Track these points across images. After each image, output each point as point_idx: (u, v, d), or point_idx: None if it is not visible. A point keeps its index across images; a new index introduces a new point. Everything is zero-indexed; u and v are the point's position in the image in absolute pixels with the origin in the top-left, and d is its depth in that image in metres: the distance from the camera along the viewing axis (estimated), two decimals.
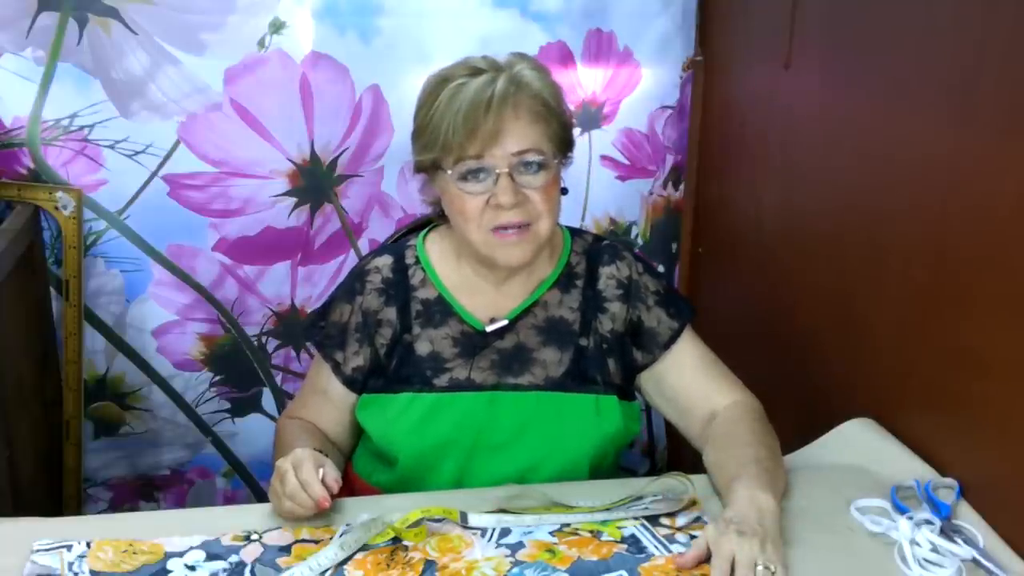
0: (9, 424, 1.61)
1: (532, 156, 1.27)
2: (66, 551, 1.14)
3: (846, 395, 1.53)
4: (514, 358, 1.36)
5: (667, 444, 2.24)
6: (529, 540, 1.17)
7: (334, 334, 1.39)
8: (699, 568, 1.11)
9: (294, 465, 1.18)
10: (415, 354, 1.36)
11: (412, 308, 1.37)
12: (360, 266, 1.43)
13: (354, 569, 1.12)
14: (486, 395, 1.35)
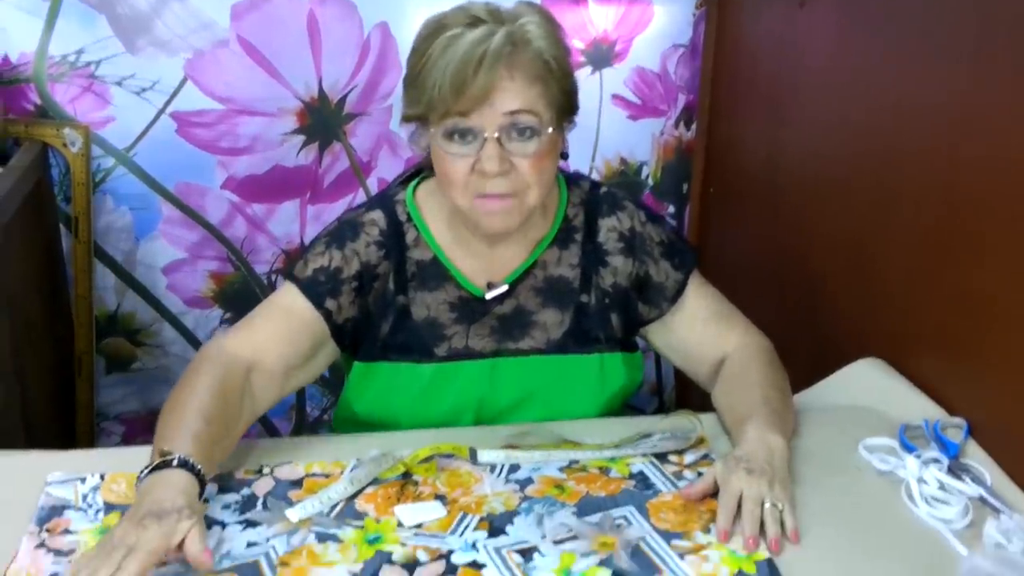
0: (21, 359, 1.62)
1: (524, 119, 1.16)
2: (80, 483, 1.15)
3: (856, 336, 1.53)
4: (514, 323, 1.32)
5: (675, 384, 2.24)
6: (538, 476, 1.18)
7: (323, 280, 1.26)
8: (705, 503, 1.12)
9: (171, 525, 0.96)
10: (411, 320, 1.30)
11: (407, 269, 1.30)
12: (351, 217, 1.31)
13: (365, 503, 1.13)
14: (487, 363, 1.31)
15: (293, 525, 1.08)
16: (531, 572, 1.00)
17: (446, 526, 1.08)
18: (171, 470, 1.02)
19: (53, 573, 1.00)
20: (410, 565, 1.02)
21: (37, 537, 1.06)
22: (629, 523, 1.09)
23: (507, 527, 1.08)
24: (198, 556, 0.95)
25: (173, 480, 1.01)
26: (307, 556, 1.03)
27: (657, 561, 1.02)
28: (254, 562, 1.02)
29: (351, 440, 1.27)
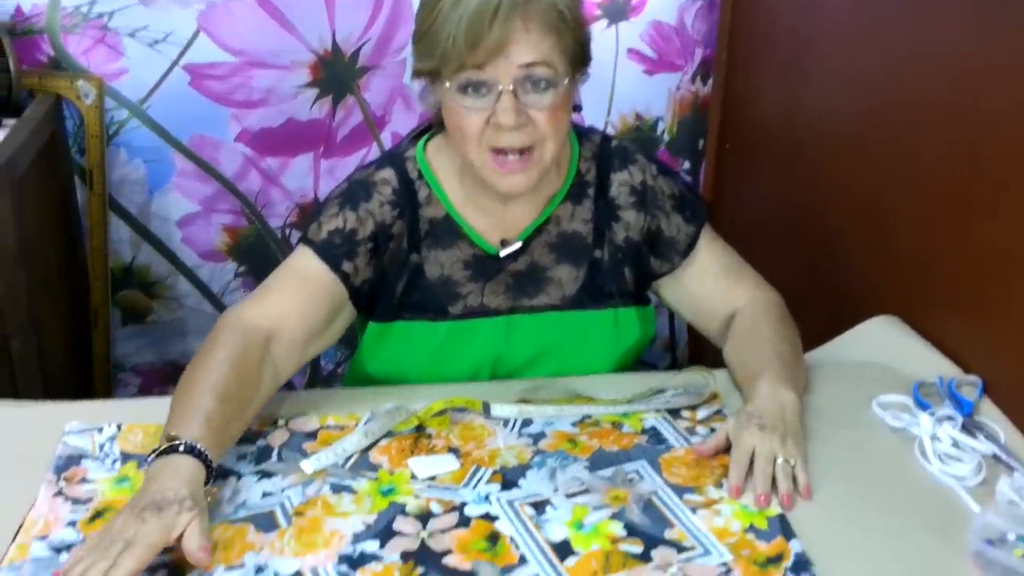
0: (37, 311, 1.63)
1: (540, 71, 1.14)
2: (97, 433, 1.17)
3: (872, 293, 1.52)
4: (528, 280, 1.31)
5: (688, 340, 2.24)
6: (551, 431, 1.18)
7: (338, 243, 1.24)
8: (717, 458, 1.12)
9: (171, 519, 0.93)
10: (425, 278, 1.29)
11: (420, 227, 1.28)
12: (362, 177, 1.29)
13: (379, 455, 1.14)
14: (502, 320, 1.31)
15: (308, 476, 1.09)
16: (543, 525, 1.01)
17: (459, 479, 1.09)
18: (178, 456, 0.99)
19: (71, 521, 1.01)
20: (423, 516, 1.03)
21: (55, 486, 1.07)
22: (641, 478, 1.09)
23: (520, 480, 1.09)
24: (194, 552, 0.92)
25: (179, 467, 0.99)
26: (322, 507, 1.04)
27: (669, 515, 1.03)
28: (269, 512, 1.03)
29: (365, 394, 1.28)
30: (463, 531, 1.00)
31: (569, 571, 0.94)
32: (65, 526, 1.01)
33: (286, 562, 0.96)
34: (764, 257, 1.43)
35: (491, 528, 1.01)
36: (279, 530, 1.00)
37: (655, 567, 0.95)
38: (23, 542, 0.98)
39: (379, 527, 1.01)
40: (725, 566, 0.95)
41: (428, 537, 0.99)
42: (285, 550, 0.98)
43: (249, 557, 0.96)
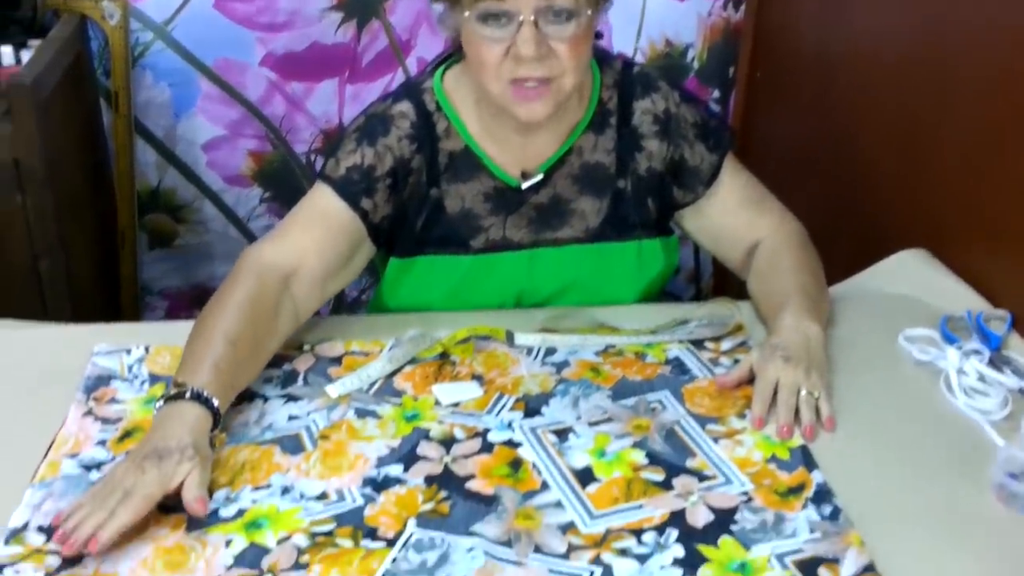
0: (64, 233, 1.64)
1: (562, 1, 1.11)
2: (125, 355, 1.18)
3: (902, 227, 1.50)
4: (551, 212, 1.29)
5: (713, 271, 2.23)
6: (574, 359, 1.19)
7: (357, 179, 1.22)
8: (740, 389, 1.12)
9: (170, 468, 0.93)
10: (446, 213, 1.27)
11: (439, 160, 1.26)
12: (379, 111, 1.26)
13: (403, 381, 1.14)
14: (525, 253, 1.30)
15: (333, 400, 1.10)
16: (566, 452, 1.02)
17: (482, 405, 1.10)
18: (184, 403, 0.99)
19: (100, 440, 1.03)
20: (447, 442, 1.03)
21: (84, 405, 1.09)
22: (664, 407, 1.09)
23: (543, 408, 1.09)
24: (191, 503, 0.92)
25: (185, 414, 0.98)
26: (347, 430, 1.05)
27: (691, 444, 1.03)
28: (295, 435, 1.05)
29: (390, 320, 1.29)
30: (486, 457, 1.01)
31: (591, 497, 0.95)
32: (95, 445, 1.02)
33: (312, 484, 0.97)
34: (793, 188, 1.41)
35: (514, 454, 1.02)
36: (305, 453, 1.02)
37: (676, 495, 0.96)
38: (54, 460, 1.00)
39: (403, 451, 1.02)
40: (746, 495, 0.95)
41: (451, 462, 1.00)
42: (311, 472, 0.99)
43: (275, 478, 0.98)
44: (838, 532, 0.90)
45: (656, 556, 0.88)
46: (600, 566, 0.87)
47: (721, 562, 0.87)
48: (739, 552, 0.88)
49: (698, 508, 0.94)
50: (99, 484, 0.92)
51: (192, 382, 1.01)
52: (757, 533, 0.90)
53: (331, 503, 0.95)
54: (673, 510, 0.93)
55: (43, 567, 0.86)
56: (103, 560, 0.87)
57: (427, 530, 0.91)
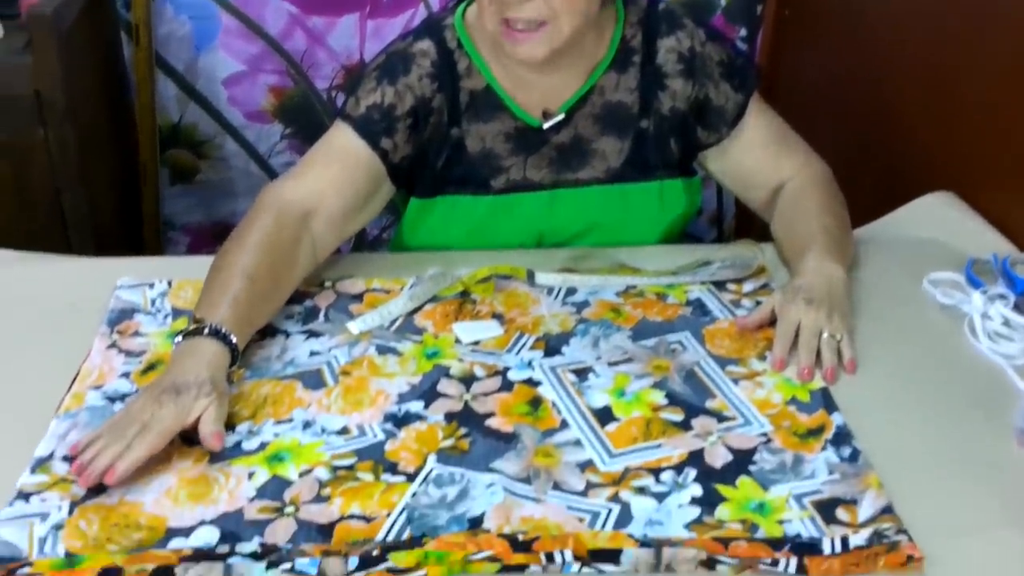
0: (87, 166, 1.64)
1: None
2: (148, 289, 1.19)
3: (929, 169, 1.48)
4: (572, 152, 1.28)
5: (736, 213, 2.22)
6: (595, 299, 1.18)
7: (377, 118, 1.21)
8: (761, 331, 1.12)
9: (188, 403, 0.93)
10: (466, 152, 1.26)
11: (460, 100, 1.24)
12: (400, 49, 1.24)
13: (423, 319, 1.15)
14: (546, 194, 1.28)
15: (354, 337, 1.11)
16: (585, 391, 1.02)
17: (503, 344, 1.10)
18: (202, 339, 0.99)
19: (124, 373, 1.04)
20: (467, 380, 1.04)
21: (108, 338, 1.10)
22: (684, 348, 1.09)
23: (563, 348, 1.09)
24: (207, 437, 0.92)
25: (203, 350, 0.98)
26: (368, 367, 1.06)
27: (711, 386, 1.03)
28: (317, 370, 1.05)
29: (411, 259, 1.29)
30: (506, 395, 1.02)
31: (609, 436, 0.96)
32: (119, 377, 1.03)
33: (333, 419, 0.98)
34: (820, 128, 1.39)
35: (533, 393, 1.02)
36: (326, 388, 1.03)
37: (694, 435, 0.96)
38: (79, 391, 1.01)
39: (423, 388, 1.03)
40: (765, 436, 0.95)
41: (471, 400, 1.01)
42: (332, 407, 1.00)
43: (297, 413, 0.99)
44: (857, 474, 0.90)
45: (674, 495, 0.88)
46: (618, 504, 0.87)
47: (739, 502, 0.87)
48: (757, 492, 0.88)
49: (717, 448, 0.94)
50: (117, 417, 0.92)
51: (210, 318, 1.01)
52: (775, 474, 0.91)
53: (352, 438, 0.96)
54: (692, 450, 0.94)
55: (68, 495, 0.87)
56: (128, 490, 0.88)
57: (447, 466, 0.91)
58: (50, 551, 0.81)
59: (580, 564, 0.81)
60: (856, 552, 0.81)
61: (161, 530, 0.84)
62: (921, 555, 0.80)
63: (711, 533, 0.84)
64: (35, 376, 1.04)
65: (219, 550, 0.81)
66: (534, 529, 0.83)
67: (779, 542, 0.82)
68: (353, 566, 0.79)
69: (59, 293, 1.18)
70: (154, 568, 0.78)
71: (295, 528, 0.84)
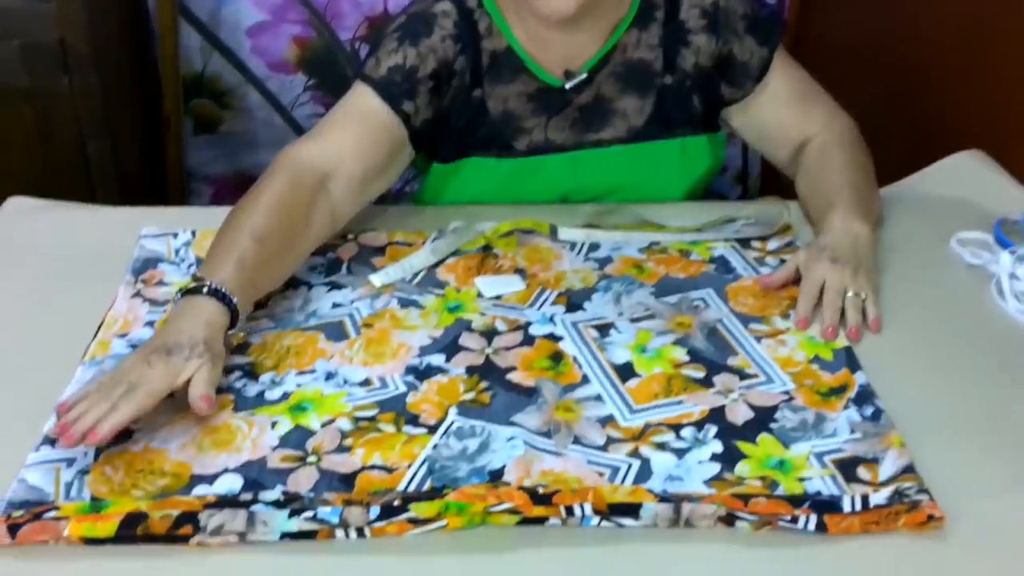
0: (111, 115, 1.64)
1: None
2: (172, 238, 1.19)
3: (958, 127, 1.46)
4: (594, 113, 1.26)
5: (760, 170, 2.20)
6: (617, 255, 1.18)
7: (399, 80, 1.18)
8: (785, 290, 1.11)
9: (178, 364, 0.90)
10: (488, 115, 1.24)
11: (481, 61, 1.22)
12: (421, 9, 1.22)
13: (445, 272, 1.15)
14: (568, 156, 1.27)
15: (376, 290, 1.11)
16: (607, 347, 1.02)
17: (524, 299, 1.10)
18: (202, 297, 0.95)
19: (148, 321, 1.05)
20: (488, 333, 1.04)
21: (133, 287, 1.10)
22: (707, 305, 1.09)
23: (585, 303, 1.09)
24: (196, 400, 0.88)
25: (201, 309, 0.95)
26: (390, 319, 1.06)
27: (733, 343, 1.03)
28: (339, 322, 1.06)
29: (433, 212, 1.28)
30: (527, 349, 1.02)
31: (630, 392, 0.96)
32: (143, 326, 1.04)
33: (355, 371, 0.99)
34: (849, 85, 1.37)
35: (555, 348, 1.02)
36: (348, 340, 1.03)
37: (716, 392, 0.96)
38: (104, 339, 1.02)
39: (445, 341, 1.03)
40: (787, 394, 0.95)
41: (493, 353, 1.01)
42: (354, 359, 1.00)
43: (320, 364, 0.99)
44: (879, 433, 0.90)
45: (694, 451, 0.88)
46: (638, 459, 0.87)
47: (759, 459, 0.87)
48: (778, 450, 0.88)
49: (738, 405, 0.94)
50: (106, 376, 0.89)
51: (212, 277, 0.97)
52: (797, 432, 0.90)
53: (374, 389, 0.96)
54: (713, 407, 0.94)
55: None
56: (152, 437, 0.89)
57: (468, 419, 0.92)
58: (76, 496, 0.83)
59: (599, 518, 0.81)
60: (876, 511, 0.81)
61: (185, 477, 0.85)
62: (942, 515, 0.80)
63: (731, 490, 0.84)
64: (61, 324, 1.05)
65: (242, 498, 0.82)
66: (554, 483, 0.84)
67: (799, 499, 0.82)
68: (374, 515, 0.80)
69: (84, 242, 1.19)
70: (178, 514, 0.79)
71: (317, 477, 0.85)
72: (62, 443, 0.85)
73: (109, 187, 1.65)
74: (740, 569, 0.78)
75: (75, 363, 0.98)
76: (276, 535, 0.79)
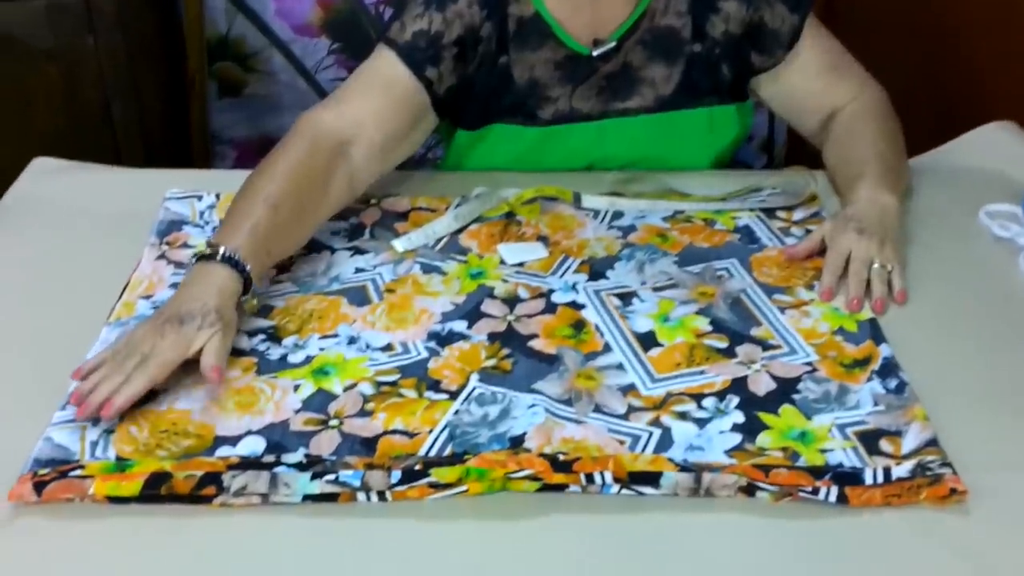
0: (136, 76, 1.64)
1: None
2: (196, 201, 1.20)
3: (989, 98, 1.44)
4: (621, 81, 1.24)
5: (786, 140, 2.17)
6: (641, 224, 1.17)
7: (423, 46, 1.17)
8: (810, 261, 1.10)
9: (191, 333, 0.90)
10: (513, 82, 1.23)
11: (508, 27, 1.21)
12: None
13: (468, 239, 1.14)
14: (594, 125, 1.26)
15: (399, 255, 1.11)
16: (629, 316, 1.02)
17: (547, 267, 1.10)
18: (215, 264, 0.95)
19: (173, 283, 1.05)
20: (511, 300, 1.04)
21: (158, 249, 1.11)
22: (731, 275, 1.08)
23: (607, 272, 1.09)
24: (207, 370, 0.88)
25: (213, 276, 0.95)
26: (412, 285, 1.06)
27: (756, 313, 1.02)
28: (362, 287, 1.06)
29: (456, 178, 1.28)
30: (549, 317, 1.02)
31: (652, 361, 0.95)
32: (168, 287, 1.05)
33: (377, 335, 0.99)
34: (879, 53, 1.35)
35: (577, 316, 1.02)
36: (371, 305, 1.03)
37: (738, 362, 0.95)
38: (129, 300, 1.03)
39: (467, 308, 1.03)
40: (810, 365, 0.95)
41: (515, 320, 1.01)
42: (377, 324, 1.00)
43: (342, 328, 1.00)
44: (902, 406, 0.89)
45: (716, 421, 0.88)
46: (659, 428, 0.87)
47: (781, 430, 0.87)
48: (800, 421, 0.88)
49: (760, 376, 0.93)
50: (120, 344, 0.90)
51: (226, 244, 0.96)
52: (819, 403, 0.90)
53: (396, 355, 0.96)
54: (735, 377, 0.93)
55: None
56: (177, 397, 0.90)
57: (489, 385, 0.92)
58: (101, 455, 0.83)
59: (619, 486, 0.81)
60: (898, 483, 0.81)
61: (209, 438, 0.86)
62: (965, 489, 0.80)
63: (752, 460, 0.84)
64: (86, 284, 1.05)
65: (265, 459, 0.83)
66: (575, 450, 0.84)
67: (820, 471, 0.82)
68: (395, 479, 0.80)
69: (109, 203, 1.19)
70: (202, 475, 0.80)
71: (339, 441, 0.86)
72: (78, 415, 0.86)
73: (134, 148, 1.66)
74: (760, 539, 0.78)
75: (100, 324, 0.99)
76: (298, 497, 0.80)
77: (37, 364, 0.94)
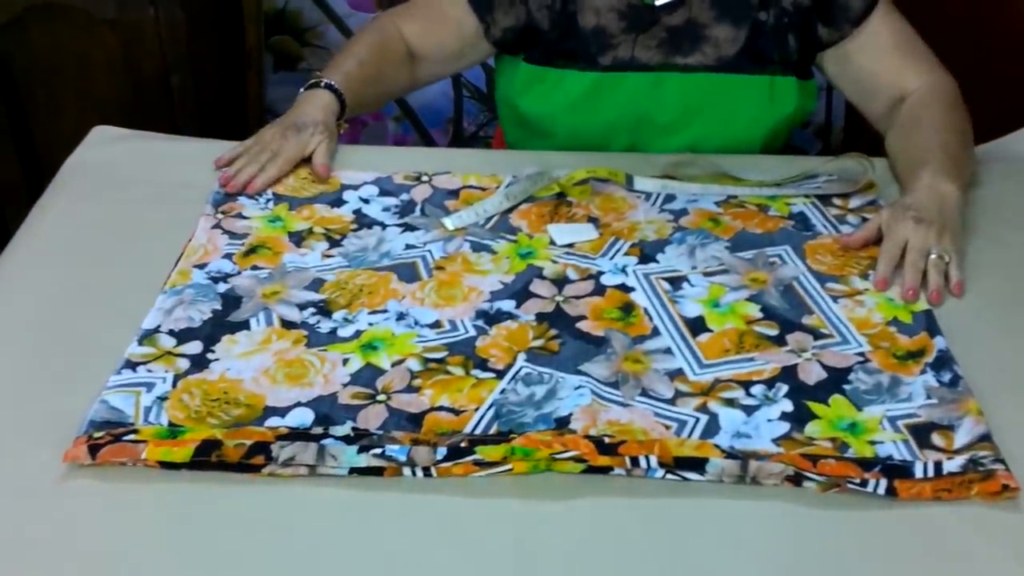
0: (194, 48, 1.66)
1: None
2: None
3: None
4: (684, 35, 1.24)
5: (844, 126, 2.14)
6: (693, 208, 1.16)
7: None
8: (865, 250, 1.08)
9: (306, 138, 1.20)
10: (578, 26, 1.25)
11: None
12: None
13: (519, 218, 1.14)
14: (651, 76, 1.26)
15: (449, 232, 1.11)
16: (679, 300, 1.01)
17: (597, 248, 1.09)
18: (320, 90, 1.23)
19: (227, 254, 1.06)
20: (560, 281, 1.04)
21: (213, 218, 1.12)
22: (784, 262, 1.07)
23: (658, 255, 1.08)
24: (318, 167, 1.17)
25: (319, 98, 1.22)
26: (462, 263, 1.06)
27: (809, 302, 1.01)
28: (412, 263, 1.06)
29: (507, 156, 1.28)
30: (598, 299, 1.01)
31: (701, 346, 0.95)
32: (222, 258, 1.06)
33: (426, 312, 0.99)
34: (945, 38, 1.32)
35: (626, 298, 1.01)
36: (420, 281, 1.03)
37: (788, 351, 0.94)
38: (184, 268, 1.04)
39: (516, 287, 1.03)
40: (862, 356, 0.93)
41: (563, 301, 1.01)
42: (425, 301, 1.01)
43: (392, 304, 1.00)
44: (955, 399, 0.88)
45: (764, 409, 0.87)
46: (706, 414, 0.87)
47: (830, 420, 0.86)
48: (850, 411, 0.87)
49: (811, 365, 0.92)
50: (251, 142, 1.20)
51: (328, 77, 1.24)
52: (871, 394, 0.89)
53: (444, 332, 0.97)
54: (785, 365, 0.92)
55: (172, 368, 0.91)
56: (228, 367, 0.91)
57: (536, 366, 0.92)
58: (154, 420, 0.85)
59: (665, 470, 0.81)
60: (949, 478, 0.80)
61: (259, 408, 0.87)
62: (1017, 485, 0.78)
63: (800, 449, 0.83)
64: (142, 251, 1.07)
65: (313, 431, 0.84)
66: (620, 433, 0.84)
67: (870, 462, 0.81)
68: (441, 456, 0.81)
69: (166, 172, 1.21)
70: (252, 444, 0.81)
71: (386, 415, 0.86)
72: (228, 189, 1.15)
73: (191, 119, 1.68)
74: (805, 530, 0.78)
75: (155, 290, 1.00)
76: (345, 469, 0.81)
77: (93, 328, 0.96)
